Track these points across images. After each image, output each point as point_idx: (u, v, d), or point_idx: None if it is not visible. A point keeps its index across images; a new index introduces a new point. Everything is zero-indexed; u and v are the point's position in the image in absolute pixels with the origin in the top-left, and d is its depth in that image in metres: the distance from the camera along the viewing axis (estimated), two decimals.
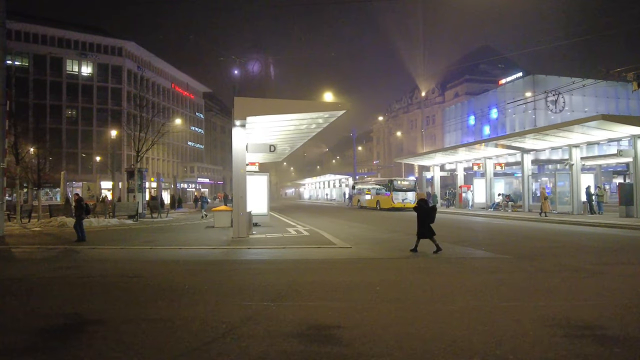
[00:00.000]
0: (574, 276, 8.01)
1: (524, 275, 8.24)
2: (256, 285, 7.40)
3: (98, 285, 7.80)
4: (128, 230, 19.15)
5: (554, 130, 21.46)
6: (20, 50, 52.30)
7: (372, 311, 5.66)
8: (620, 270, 8.69)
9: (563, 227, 18.59)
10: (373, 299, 6.35)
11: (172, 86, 70.19)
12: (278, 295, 6.60)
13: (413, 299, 6.44)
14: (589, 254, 11.24)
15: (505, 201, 28.16)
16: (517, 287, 7.15)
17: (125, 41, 58.17)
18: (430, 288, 7.15)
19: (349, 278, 8.16)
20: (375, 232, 18.08)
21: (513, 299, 6.31)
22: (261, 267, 9.63)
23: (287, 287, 7.17)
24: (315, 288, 7.20)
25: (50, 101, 53.49)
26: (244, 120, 14.57)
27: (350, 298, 6.46)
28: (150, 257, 11.35)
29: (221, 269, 9.57)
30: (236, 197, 15.42)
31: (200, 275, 8.65)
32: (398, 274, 8.61)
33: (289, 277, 8.27)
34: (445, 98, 65.35)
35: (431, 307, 5.91)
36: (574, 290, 6.89)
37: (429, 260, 10.25)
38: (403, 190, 34.91)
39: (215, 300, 6.30)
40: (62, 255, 11.92)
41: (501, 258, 10.37)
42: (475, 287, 7.11)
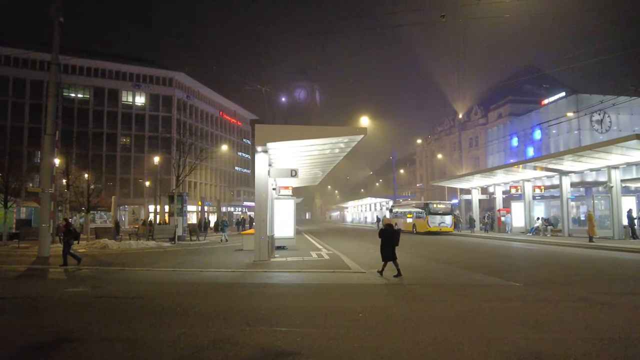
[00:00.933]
0: (572, 307, 7.69)
1: (520, 304, 8.02)
2: (244, 309, 7.70)
3: (96, 305, 8.33)
4: (161, 253, 20.13)
5: (588, 151, 20.66)
6: (83, 83, 56.67)
7: (340, 339, 5.75)
8: (626, 302, 8.25)
9: (598, 253, 17.67)
10: (349, 326, 6.43)
11: (220, 114, 73.24)
12: (258, 319, 6.84)
13: (390, 327, 6.47)
14: (605, 283, 10.69)
15: (545, 225, 27.10)
16: (504, 317, 7.00)
17: (175, 72, 61.66)
18: (415, 316, 7.13)
19: (341, 304, 8.27)
20: (399, 257, 17.95)
21: (493, 330, 6.20)
22: (263, 291, 9.94)
23: (272, 311, 7.41)
24: (298, 313, 7.37)
25: (107, 130, 57.30)
26: (264, 146, 15.21)
27: (327, 324, 6.58)
28: (167, 279, 11.97)
29: (225, 291, 9.99)
30: (257, 220, 15.96)
31: (200, 298, 9.08)
32: (393, 301, 8.64)
33: (282, 301, 8.53)
34: (489, 119, 63.96)
35: (403, 336, 5.93)
36: (562, 323, 6.61)
37: (431, 287, 10.21)
38: (439, 213, 34.31)
39: (196, 323, 6.63)
40: (88, 276, 12.81)
41: (507, 285, 10.14)
42: (461, 316, 7.00)
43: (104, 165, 56.07)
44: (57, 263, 16.00)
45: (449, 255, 18.38)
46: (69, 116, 54.40)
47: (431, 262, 15.66)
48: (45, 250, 18.85)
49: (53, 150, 20.61)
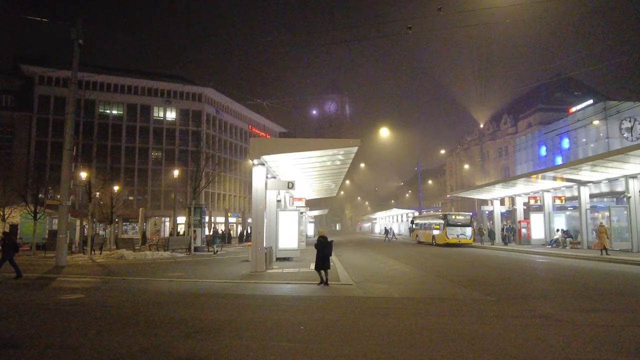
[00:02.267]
0: (525, 324, 7.51)
1: (472, 319, 7.92)
2: (197, 319, 8.02)
3: (63, 314, 8.79)
4: (171, 264, 20.79)
5: (600, 160, 19.98)
6: (118, 100, 59.44)
7: (261, 350, 5.95)
8: (591, 319, 7.94)
9: (608, 267, 16.95)
10: (280, 338, 6.58)
11: (249, 127, 74.85)
12: (201, 329, 7.14)
13: (319, 340, 6.52)
14: (586, 298, 10.26)
15: (564, 237, 26.22)
16: (445, 333, 6.93)
17: (204, 88, 63.67)
18: (356, 329, 7.17)
19: (296, 316, 8.40)
20: (400, 269, 17.91)
21: (420, 346, 6.23)
22: (238, 302, 10.15)
23: (221, 323, 7.69)
24: (244, 325, 7.57)
25: (139, 144, 59.66)
26: (259, 159, 15.65)
27: (261, 336, 6.75)
28: (157, 289, 12.42)
29: (199, 302, 10.31)
30: (254, 232, 16.36)
31: (167, 307, 9.42)
32: (347, 314, 8.66)
33: (244, 313, 8.81)
34: (518, 128, 62.40)
35: (326, 349, 6.02)
36: (499, 340, 6.56)
37: (401, 300, 10.21)
38: (458, 225, 33.68)
39: (139, 332, 7.00)
40: (86, 287, 13.46)
41: (479, 300, 9.96)
42: (402, 330, 7.03)
43: (136, 178, 58.32)
44: (72, 272, 16.92)
45: (451, 268, 18.14)
46: (104, 131, 57.12)
47: (427, 275, 15.53)
48: (62, 260, 19.89)
49: (71, 164, 21.76)
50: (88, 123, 56.22)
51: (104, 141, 57.15)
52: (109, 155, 56.71)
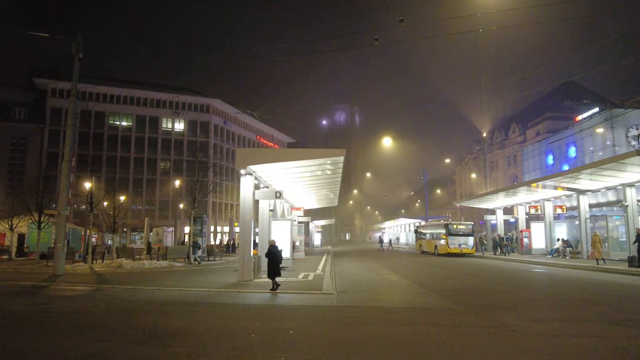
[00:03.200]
0: (478, 333, 7.54)
1: (428, 329, 7.96)
2: (156, 326, 8.21)
3: (32, 320, 9.06)
4: (165, 273, 21.03)
5: (592, 169, 19.75)
6: (127, 112, 60.57)
7: (203, 357, 6.11)
8: (549, 329, 7.88)
9: (602, 277, 16.64)
10: (226, 347, 6.72)
11: (257, 138, 75.49)
12: (155, 336, 7.34)
13: (264, 347, 6.65)
14: (558, 309, 10.15)
15: (564, 247, 25.87)
16: (389, 342, 6.96)
17: (212, 99, 64.58)
18: (304, 338, 7.25)
19: (256, 324, 8.47)
20: (389, 279, 17.86)
21: (361, 354, 6.32)
22: (206, 310, 10.30)
23: (179, 330, 7.87)
24: (199, 333, 7.70)
25: (147, 154, 60.60)
26: (244, 168, 15.83)
27: (209, 343, 6.92)
28: (141, 296, 12.63)
29: (172, 309, 10.47)
30: (242, 242, 16.52)
31: (141, 314, 9.68)
32: (309, 323, 8.72)
33: (206, 320, 8.98)
34: (527, 137, 61.83)
35: (265, 357, 6.14)
36: (446, 348, 6.57)
37: (370, 310, 10.25)
38: (459, 234, 33.42)
39: (92, 338, 7.22)
40: (74, 294, 13.76)
41: (448, 310, 9.92)
42: (350, 340, 7.10)
43: (144, 188, 59.16)
44: (66, 281, 17.23)
45: (440, 278, 18.05)
46: (113, 142, 58.18)
47: (412, 284, 15.45)
48: (60, 269, 20.29)
49: (69, 175, 22.24)
50: (98, 134, 57.41)
51: (114, 152, 58.24)
52: (118, 165, 57.75)
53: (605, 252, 21.17)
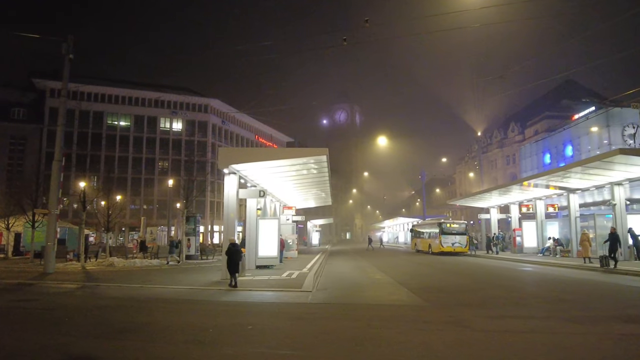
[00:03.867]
0: (435, 329, 7.66)
1: (383, 324, 8.09)
2: (127, 322, 8.37)
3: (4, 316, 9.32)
4: (155, 271, 21.12)
5: (577, 167, 19.80)
6: (125, 112, 60.90)
7: (153, 349, 6.30)
8: (507, 325, 8.00)
9: (584, 275, 16.63)
10: (178, 340, 6.89)
11: (255, 138, 75.67)
12: (115, 330, 7.52)
13: (215, 342, 6.80)
14: (523, 306, 10.24)
15: (554, 245, 25.86)
16: (338, 336, 7.13)
17: (210, 99, 64.85)
18: (256, 334, 7.36)
19: (217, 319, 8.73)
20: (373, 278, 17.92)
21: (296, 346, 6.47)
22: (175, 307, 10.44)
23: (142, 325, 8.08)
24: (157, 328, 7.87)
25: (146, 154, 60.90)
26: (228, 167, 15.93)
27: (165, 337, 7.09)
28: (121, 294, 12.81)
29: (144, 305, 10.65)
30: (225, 240, 16.62)
31: (113, 310, 9.89)
32: (269, 319, 8.87)
33: (171, 316, 9.13)
34: (525, 136, 61.75)
35: (211, 351, 6.28)
36: (386, 344, 6.67)
37: (335, 306, 10.36)
38: (452, 233, 33.42)
39: (55, 331, 7.41)
40: (58, 291, 13.93)
41: (417, 306, 10.04)
42: (302, 333, 7.28)
43: (143, 188, 59.45)
44: (55, 279, 17.38)
45: (423, 276, 18.17)
46: (111, 142, 58.52)
47: (393, 282, 15.51)
48: (50, 267, 20.47)
49: (60, 175, 22.41)
50: (96, 134, 57.75)
51: (112, 152, 58.56)
52: (117, 165, 58.07)
53: (593, 250, 21.11)
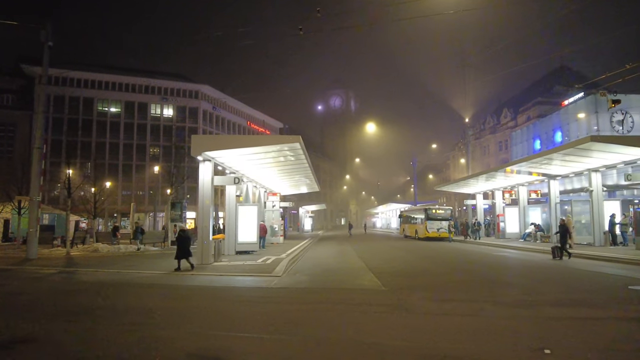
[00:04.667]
0: (377, 310, 7.92)
1: (331, 307, 8.33)
2: (81, 306, 8.64)
3: None
4: (136, 257, 21.34)
5: (554, 154, 19.93)
6: (116, 98, 60.65)
7: (92, 332, 6.54)
8: (446, 308, 8.25)
9: (550, 262, 16.89)
10: (119, 322, 7.15)
11: (247, 124, 75.47)
12: (64, 313, 7.78)
13: (156, 323, 7.05)
14: (470, 290, 10.41)
15: (535, 231, 26.14)
16: (282, 318, 7.37)
17: (201, 85, 64.56)
18: (202, 314, 7.68)
19: (168, 302, 9.03)
20: (348, 262, 18.14)
21: (238, 328, 6.69)
22: (142, 291, 10.72)
23: (91, 308, 8.29)
24: (101, 311, 8.14)
25: (137, 141, 60.84)
26: (200, 155, 16.00)
27: (106, 319, 7.36)
28: (94, 278, 12.99)
29: (107, 290, 10.78)
30: (200, 226, 16.80)
31: (75, 295, 10.15)
32: (220, 302, 9.11)
33: (126, 299, 9.39)
34: (518, 122, 61.78)
35: (150, 332, 6.49)
36: (318, 324, 6.94)
37: (296, 291, 10.57)
38: (438, 219, 33.72)
39: (10, 315, 7.63)
40: (33, 276, 14.13)
41: (373, 290, 10.24)
42: (243, 316, 7.54)
43: (134, 174, 59.46)
44: (36, 264, 17.56)
45: (396, 260, 18.53)
46: (102, 129, 58.39)
47: (364, 267, 15.71)
48: (32, 253, 20.65)
49: (40, 162, 22.42)
50: (87, 120, 57.60)
51: (103, 138, 58.49)
52: (107, 151, 58.07)
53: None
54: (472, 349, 5.28)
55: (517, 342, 5.59)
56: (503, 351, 5.24)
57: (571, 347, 5.28)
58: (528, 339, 5.69)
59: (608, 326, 6.50)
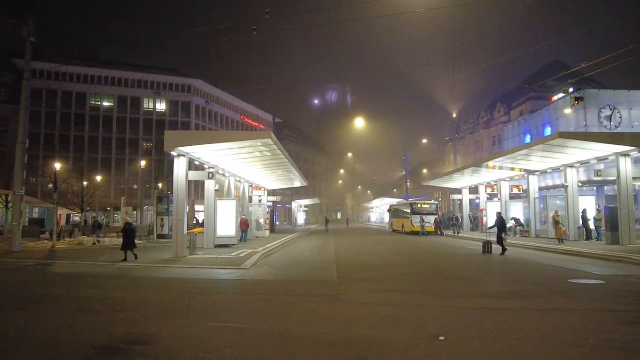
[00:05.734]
0: (317, 301, 8.29)
1: (273, 298, 8.71)
2: (42, 295, 9.03)
3: None
4: (115, 250, 21.59)
5: (525, 150, 20.26)
6: (108, 93, 60.91)
7: (44, 317, 6.94)
8: (382, 299, 8.62)
9: (523, 255, 17.20)
10: (74, 310, 7.55)
11: (241, 118, 75.74)
12: (22, 302, 8.20)
13: (109, 312, 7.41)
14: (417, 281, 10.81)
15: (514, 226, 26.44)
16: (220, 308, 7.74)
17: (194, 79, 64.82)
18: (148, 304, 8.08)
19: (125, 293, 9.41)
20: (321, 256, 18.42)
21: (177, 316, 7.07)
22: (104, 282, 11.07)
23: (51, 297, 8.67)
24: (59, 300, 8.50)
25: (129, 135, 61.16)
26: (173, 150, 16.27)
27: (61, 308, 7.75)
28: (68, 270, 13.49)
29: (74, 281, 11.26)
30: (175, 220, 17.11)
31: (42, 286, 10.65)
32: (175, 294, 9.41)
33: (87, 289, 9.76)
34: (511, 117, 61.98)
35: (97, 319, 6.85)
36: (258, 312, 7.30)
37: (253, 283, 10.89)
38: (423, 213, 34.03)
39: None
40: (11, 267, 14.50)
41: (325, 282, 10.75)
42: (184, 305, 7.86)
43: (127, 168, 59.83)
44: (18, 257, 17.90)
45: (367, 254, 19.18)
46: (95, 123, 58.64)
47: (332, 260, 16.07)
48: (15, 246, 20.98)
49: (24, 156, 22.63)
50: (79, 115, 57.83)
51: (95, 132, 58.76)
52: (100, 146, 58.37)
53: (544, 230, 21.67)
54: (374, 335, 5.59)
55: (420, 330, 5.90)
56: (402, 337, 5.54)
57: (466, 335, 5.56)
58: (434, 327, 6.01)
59: (519, 317, 6.78)
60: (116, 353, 4.99)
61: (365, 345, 5.18)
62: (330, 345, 5.29)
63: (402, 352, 4.99)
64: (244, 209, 27.31)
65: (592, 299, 8.17)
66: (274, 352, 5.00)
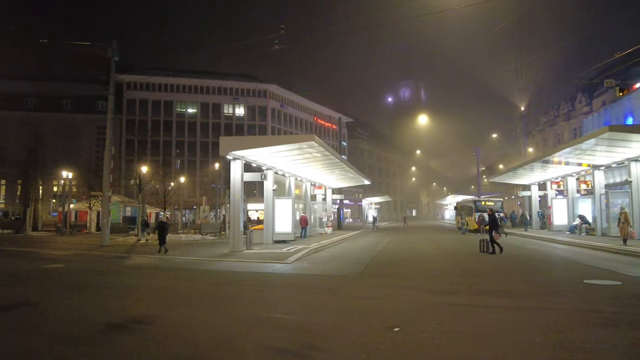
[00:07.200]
0: (315, 292, 9.32)
1: (285, 290, 9.86)
2: (88, 282, 11.03)
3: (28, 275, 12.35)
4: (188, 244, 24.17)
5: (577, 145, 19.53)
6: (193, 100, 66.05)
7: (79, 300, 8.56)
8: (387, 294, 9.24)
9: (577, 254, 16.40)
10: (106, 294, 9.25)
11: (314, 119, 78.10)
12: (70, 287, 10.10)
13: (133, 295, 9.09)
14: (438, 279, 11.03)
15: (580, 223, 25.32)
16: (237, 297, 8.94)
17: (269, 84, 68.24)
18: (175, 293, 9.51)
19: (167, 282, 11.05)
20: (363, 252, 19.11)
21: (195, 305, 8.39)
22: (154, 273, 13.04)
23: (95, 284, 10.70)
24: (101, 285, 10.39)
25: (212, 139, 65.82)
26: (227, 154, 18.12)
27: (102, 292, 9.48)
28: (132, 263, 15.82)
29: (136, 272, 13.34)
30: (232, 218, 19.00)
31: (104, 274, 12.62)
32: (204, 284, 10.80)
33: (140, 280, 11.75)
34: (593, 107, 57.64)
35: (123, 302, 8.34)
36: (261, 302, 8.49)
37: (283, 277, 12.11)
38: (486, 211, 33.29)
39: (39, 286, 10.23)
40: (92, 259, 17.22)
41: (345, 277, 11.50)
42: (214, 293, 9.28)
43: (209, 170, 64.37)
44: (105, 250, 20.92)
45: (409, 250, 19.72)
46: (180, 129, 63.88)
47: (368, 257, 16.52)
48: (105, 240, 24.28)
49: (110, 162, 26.00)
50: (167, 122, 63.39)
51: (181, 137, 64.07)
52: (186, 149, 63.46)
53: (605, 229, 20.70)
54: (339, 325, 6.27)
55: (383, 321, 6.45)
56: (363, 328, 6.15)
57: (422, 328, 6.04)
58: (397, 320, 6.56)
59: (491, 314, 6.99)
60: (123, 330, 6.24)
61: (325, 333, 5.83)
62: (293, 331, 6.05)
63: (353, 339, 5.56)
64: (306, 206, 28.74)
65: (584, 300, 8.07)
66: (237, 333, 5.98)
